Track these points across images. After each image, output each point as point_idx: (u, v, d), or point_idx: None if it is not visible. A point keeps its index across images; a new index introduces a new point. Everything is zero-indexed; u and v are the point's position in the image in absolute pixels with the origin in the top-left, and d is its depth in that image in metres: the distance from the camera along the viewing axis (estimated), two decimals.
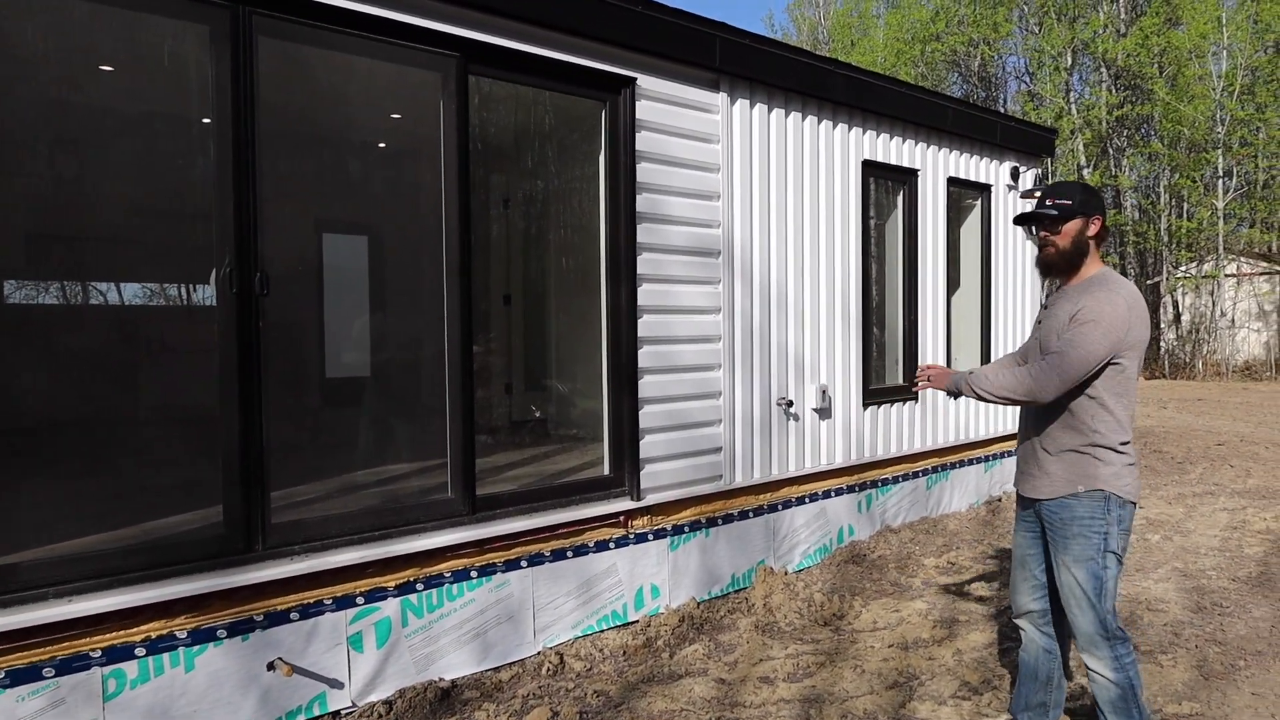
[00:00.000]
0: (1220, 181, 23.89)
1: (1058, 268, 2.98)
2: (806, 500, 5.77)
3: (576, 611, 4.49)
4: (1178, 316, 25.82)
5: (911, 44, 28.48)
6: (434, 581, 3.95)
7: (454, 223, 3.97)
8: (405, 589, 3.85)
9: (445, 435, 4.06)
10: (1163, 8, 25.30)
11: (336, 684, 3.62)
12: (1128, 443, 2.87)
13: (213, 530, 3.43)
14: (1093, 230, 2.92)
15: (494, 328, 7.83)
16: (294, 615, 3.52)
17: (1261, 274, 25.27)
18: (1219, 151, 23.37)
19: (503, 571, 4.19)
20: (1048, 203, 2.95)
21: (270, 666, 3.43)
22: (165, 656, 3.22)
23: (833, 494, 5.97)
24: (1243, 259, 25.16)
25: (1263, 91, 23.32)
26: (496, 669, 4.13)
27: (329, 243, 8.25)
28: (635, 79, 4.59)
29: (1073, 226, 2.91)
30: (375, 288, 8.31)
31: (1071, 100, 26.37)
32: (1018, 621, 3.17)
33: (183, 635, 3.26)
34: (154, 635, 3.20)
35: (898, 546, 6.14)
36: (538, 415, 7.03)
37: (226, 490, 3.40)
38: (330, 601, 3.62)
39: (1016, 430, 3.24)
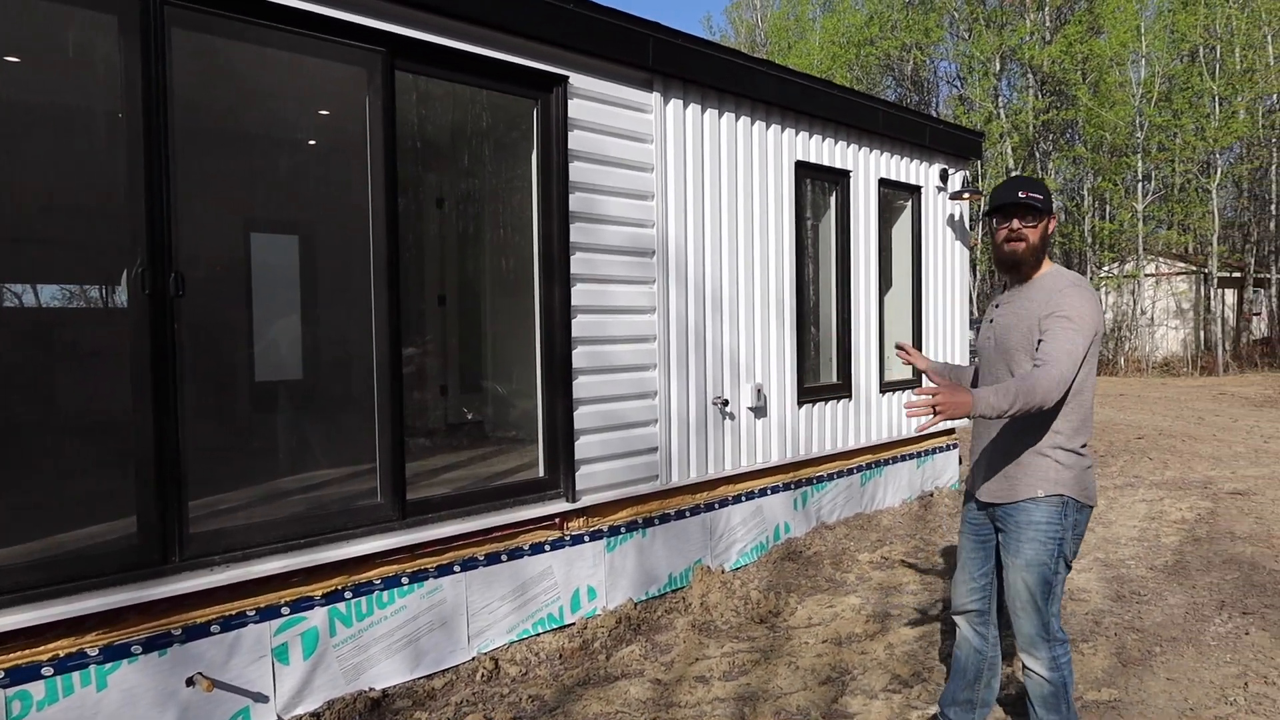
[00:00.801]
0: (1140, 185, 24.82)
1: (1027, 263, 2.86)
2: (743, 499, 5.81)
3: (512, 615, 4.44)
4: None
5: (846, 48, 28.98)
6: (363, 589, 3.85)
7: (381, 222, 3.89)
8: (333, 597, 3.76)
9: (374, 439, 3.97)
10: (1085, 16, 26.20)
11: (261, 698, 3.51)
12: (1086, 445, 2.83)
13: (127, 541, 3.29)
14: (1052, 227, 2.90)
15: (429, 329, 7.71)
16: (215, 628, 3.39)
17: (1178, 274, 26.34)
18: (1138, 156, 24.28)
19: (435, 577, 4.12)
20: (1025, 195, 2.81)
21: (190, 682, 3.30)
22: (75, 675, 3.08)
23: (769, 492, 6.02)
24: (1161, 259, 26.20)
25: (1179, 98, 24.30)
26: (429, 677, 4.05)
27: (258, 242, 8.03)
28: (567, 77, 4.56)
29: (1046, 222, 2.86)
30: (307, 288, 8.11)
31: (1000, 105, 27.11)
32: (958, 620, 3.12)
33: (94, 652, 3.12)
34: (63, 653, 3.06)
35: (833, 543, 6.21)
36: (470, 417, 6.94)
37: (140, 499, 3.27)
38: (253, 613, 3.50)
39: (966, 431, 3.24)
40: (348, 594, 3.80)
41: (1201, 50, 24.79)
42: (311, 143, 7.54)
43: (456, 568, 4.20)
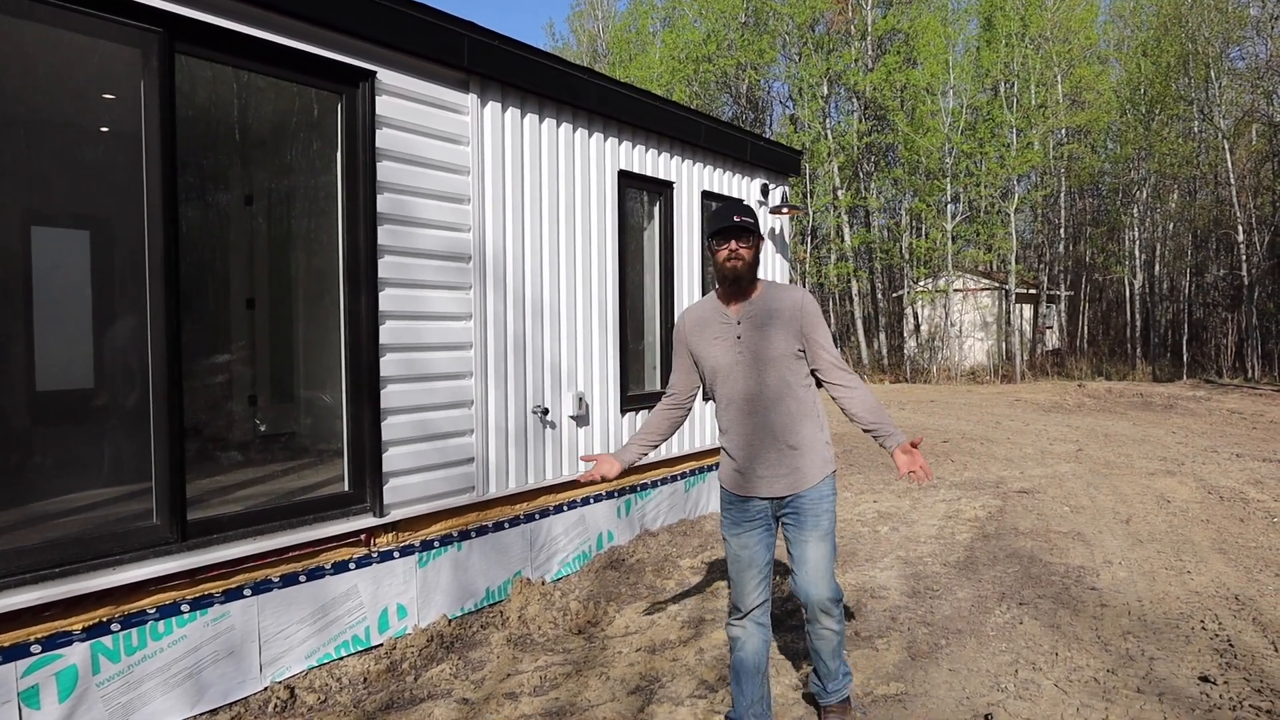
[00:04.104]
0: (949, 207, 26.82)
1: (745, 278, 3.15)
2: (565, 508, 5.75)
3: (312, 639, 4.17)
4: (918, 327, 28.67)
5: (685, 63, 29.72)
6: (134, 620, 3.50)
7: (158, 217, 3.57)
8: (97, 631, 3.39)
9: (150, 454, 3.62)
10: (903, 48, 28.10)
11: None
12: None
13: None
14: (761, 248, 3.23)
15: (236, 334, 7.21)
16: None
17: (983, 289, 28.66)
18: (948, 180, 26.23)
19: (222, 602, 3.81)
20: (739, 219, 3.09)
21: None
22: None
23: (592, 501, 5.99)
24: (969, 276, 28.42)
25: (982, 128, 26.46)
26: (214, 711, 3.74)
27: (40, 238, 7.27)
28: (375, 73, 4.36)
29: (758, 243, 3.18)
30: (100, 289, 7.40)
31: (828, 126, 28.60)
32: (741, 624, 3.21)
33: None
34: None
35: (656, 549, 6.26)
36: (263, 430, 6.53)
37: None
38: None
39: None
40: (115, 626, 3.44)
41: (1002, 85, 27.12)
42: (105, 130, 6.89)
43: (247, 591, 3.90)
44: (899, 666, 4.00)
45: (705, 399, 3.41)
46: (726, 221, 3.09)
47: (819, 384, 3.23)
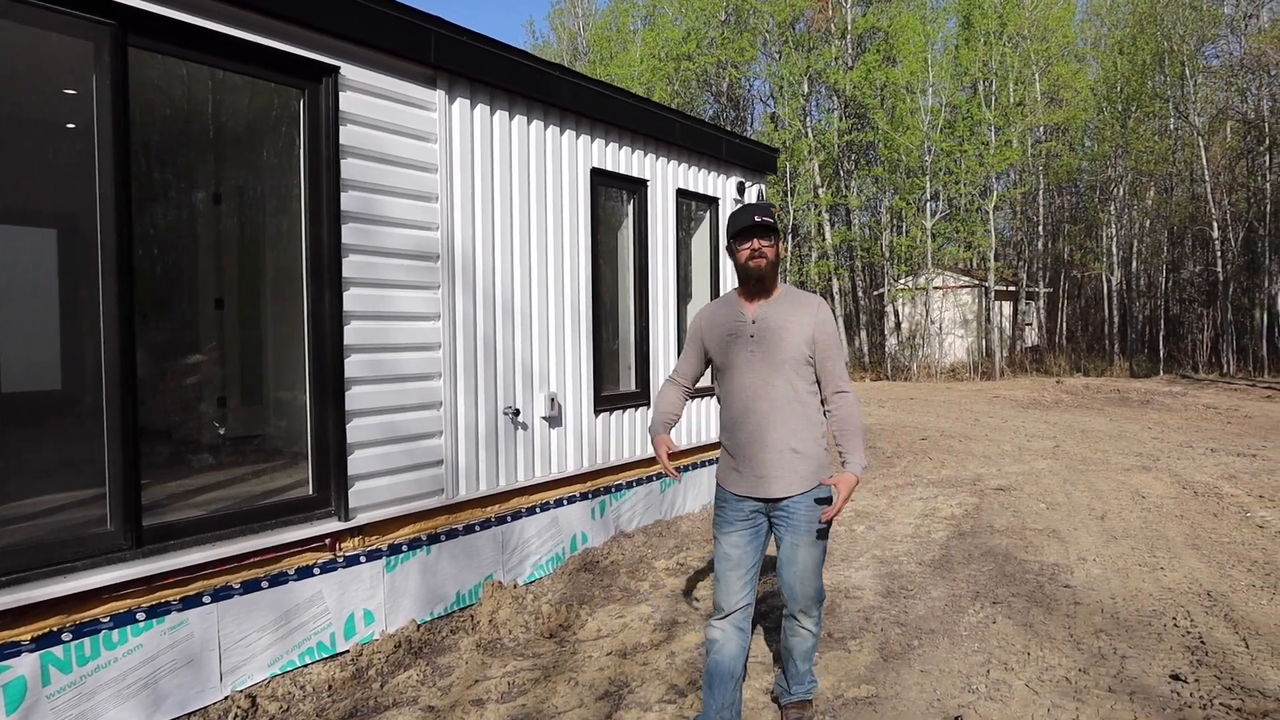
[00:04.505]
0: (929, 205, 26.91)
1: (769, 277, 3.19)
2: (538, 510, 5.68)
3: (274, 647, 4.08)
4: (898, 324, 28.78)
5: (665, 61, 29.66)
6: (87, 629, 3.41)
7: (110, 214, 3.47)
8: (47, 641, 3.30)
9: (104, 458, 3.53)
10: (883, 46, 28.17)
11: None
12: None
13: None
14: (782, 247, 3.25)
15: (206, 335, 7.09)
16: None
17: (963, 287, 28.79)
18: (927, 178, 26.33)
19: (180, 610, 3.72)
20: (760, 218, 3.13)
21: None
22: None
23: (565, 502, 5.93)
24: (949, 273, 28.55)
25: (961, 126, 26.57)
26: None
27: (4, 236, 7.13)
28: (338, 68, 4.27)
29: (778, 241, 3.19)
30: (68, 288, 7.27)
31: (808, 125, 28.63)
32: (722, 625, 3.18)
33: None
34: None
35: (631, 551, 6.21)
36: (223, 433, 6.43)
37: None
38: None
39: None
40: (66, 636, 3.35)
41: (981, 84, 27.25)
42: (71, 126, 6.76)
43: (206, 598, 3.81)
44: (870, 668, 3.96)
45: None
46: (748, 221, 3.12)
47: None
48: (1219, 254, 25.18)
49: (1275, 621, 4.45)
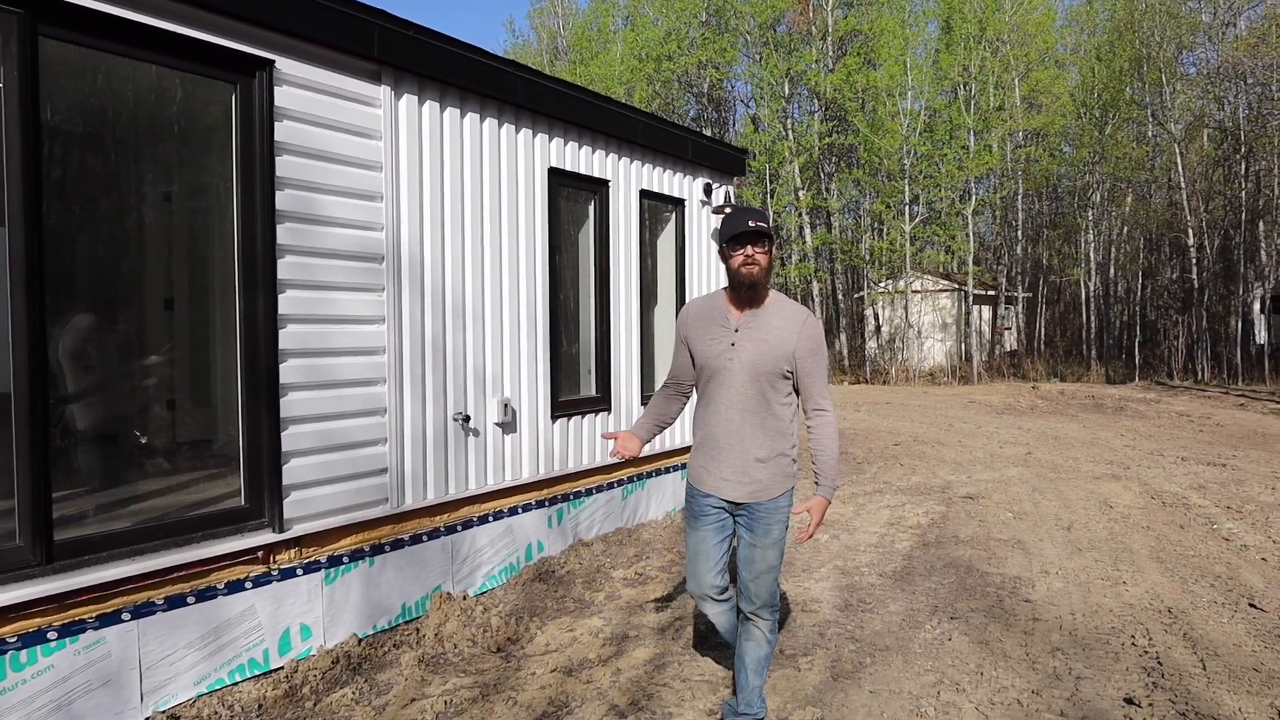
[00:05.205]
0: (908, 208, 26.92)
1: (761, 284, 3.15)
2: (491, 519, 5.53)
3: (201, 664, 3.91)
4: (878, 327, 28.78)
5: (646, 61, 29.52)
6: None
7: (19, 216, 3.29)
8: None
9: (11, 470, 3.35)
10: (863, 49, 28.15)
11: None
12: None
13: None
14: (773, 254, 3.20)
15: (155, 337, 6.86)
16: None
17: (942, 291, 28.83)
18: (906, 181, 26.33)
19: (96, 628, 3.54)
20: (754, 224, 3.07)
21: None
22: None
23: (520, 510, 5.77)
24: (928, 277, 28.57)
25: (941, 130, 26.60)
26: None
27: None
28: (273, 61, 4.10)
29: (771, 247, 3.14)
30: (30, 290, 7.00)
31: (789, 127, 28.58)
32: (703, 599, 3.38)
33: None
34: None
35: (589, 560, 6.06)
36: (143, 441, 6.22)
37: None
38: None
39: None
40: None
41: (961, 88, 27.28)
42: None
43: (126, 615, 3.63)
44: (819, 689, 3.83)
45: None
46: (742, 227, 3.07)
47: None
48: (1195, 261, 25.32)
49: (1234, 641, 4.36)
